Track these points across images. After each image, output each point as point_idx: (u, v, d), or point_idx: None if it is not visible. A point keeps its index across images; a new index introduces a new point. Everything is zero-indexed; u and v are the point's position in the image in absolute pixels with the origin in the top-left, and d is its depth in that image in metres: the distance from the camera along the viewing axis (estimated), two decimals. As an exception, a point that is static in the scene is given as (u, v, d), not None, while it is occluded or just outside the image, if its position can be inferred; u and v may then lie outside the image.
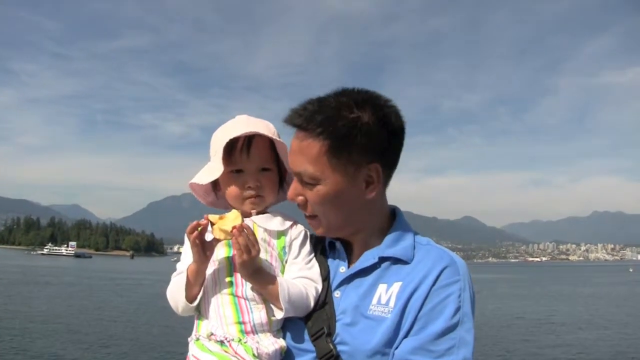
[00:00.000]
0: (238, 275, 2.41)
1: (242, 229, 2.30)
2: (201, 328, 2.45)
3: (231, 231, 2.29)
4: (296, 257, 2.54)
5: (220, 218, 2.35)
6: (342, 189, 2.44)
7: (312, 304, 2.43)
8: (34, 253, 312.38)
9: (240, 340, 2.34)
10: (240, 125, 2.52)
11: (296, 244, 2.56)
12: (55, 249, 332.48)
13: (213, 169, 2.53)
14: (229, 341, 2.34)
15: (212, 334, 2.37)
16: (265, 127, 2.53)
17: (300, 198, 2.45)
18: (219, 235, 2.33)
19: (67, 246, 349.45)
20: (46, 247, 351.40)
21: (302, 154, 2.39)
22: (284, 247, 2.54)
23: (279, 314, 2.36)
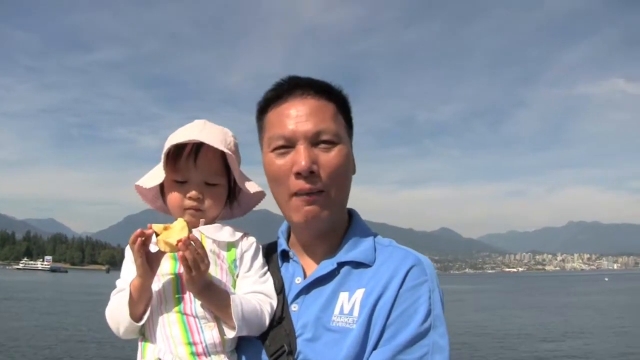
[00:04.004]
0: (186, 292, 2.23)
1: (188, 242, 2.09)
2: (147, 353, 2.25)
3: (176, 245, 2.09)
4: (248, 271, 2.37)
5: (165, 228, 2.15)
6: (350, 154, 2.36)
7: (267, 321, 2.25)
8: (9, 268, 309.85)
9: None
10: (191, 131, 2.36)
11: (248, 256, 2.39)
12: (31, 264, 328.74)
13: (157, 173, 2.40)
14: None
15: (159, 359, 2.19)
16: (219, 137, 2.36)
17: (315, 167, 2.19)
18: (164, 248, 2.13)
19: (43, 260, 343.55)
20: (21, 261, 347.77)
21: (322, 112, 2.27)
22: (234, 260, 2.37)
23: (230, 333, 2.18)
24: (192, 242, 2.10)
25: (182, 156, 2.34)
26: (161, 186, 2.45)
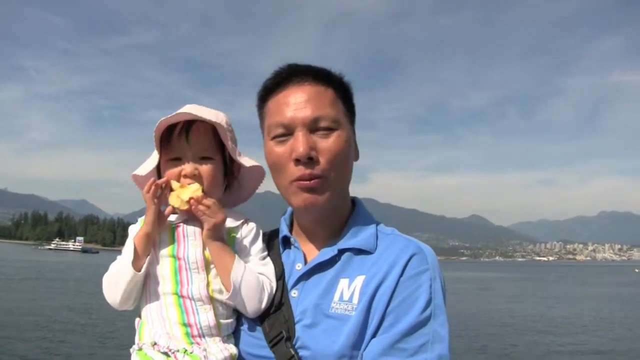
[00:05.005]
0: (183, 273, 2.25)
1: (201, 199, 2.22)
2: (143, 334, 2.26)
3: (188, 201, 2.21)
4: (248, 255, 2.37)
5: (182, 186, 2.26)
6: (351, 140, 2.32)
7: (265, 298, 2.24)
8: (41, 248, 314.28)
9: (185, 351, 2.16)
10: (182, 111, 2.31)
11: (247, 241, 2.40)
12: (63, 244, 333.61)
13: (152, 159, 2.41)
14: (173, 352, 2.16)
15: (155, 343, 2.20)
16: (209, 113, 2.33)
17: (313, 153, 2.17)
18: (175, 202, 2.23)
19: (75, 241, 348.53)
20: (53, 242, 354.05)
21: (320, 98, 2.24)
22: (234, 246, 2.36)
23: (225, 295, 2.21)
24: (205, 199, 2.23)
25: (173, 135, 2.32)
26: (159, 174, 2.42)
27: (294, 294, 2.26)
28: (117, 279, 2.27)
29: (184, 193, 2.23)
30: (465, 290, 77.25)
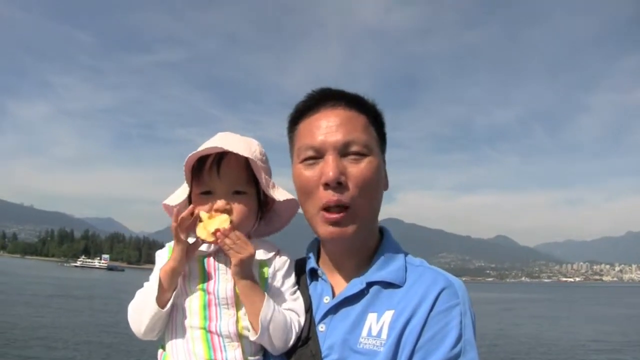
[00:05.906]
0: (212, 308, 2.22)
1: (227, 233, 2.16)
2: None
3: (214, 233, 2.17)
4: (279, 289, 2.33)
5: (210, 217, 2.21)
6: (381, 168, 2.30)
7: (292, 337, 2.21)
8: (67, 265, 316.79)
9: None
10: (212, 142, 2.28)
11: (280, 274, 2.36)
12: (88, 262, 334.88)
13: (183, 190, 2.39)
14: None
15: None
16: (242, 145, 2.29)
17: (343, 178, 2.14)
18: (201, 233, 2.19)
19: (100, 259, 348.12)
20: (79, 259, 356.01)
21: (352, 122, 2.23)
22: (266, 278, 2.32)
23: (252, 336, 2.16)
24: (232, 232, 2.16)
25: (205, 167, 2.29)
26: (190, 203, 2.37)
27: (321, 328, 2.21)
28: (141, 311, 2.24)
29: (211, 224, 2.18)
30: (491, 311, 76.75)
